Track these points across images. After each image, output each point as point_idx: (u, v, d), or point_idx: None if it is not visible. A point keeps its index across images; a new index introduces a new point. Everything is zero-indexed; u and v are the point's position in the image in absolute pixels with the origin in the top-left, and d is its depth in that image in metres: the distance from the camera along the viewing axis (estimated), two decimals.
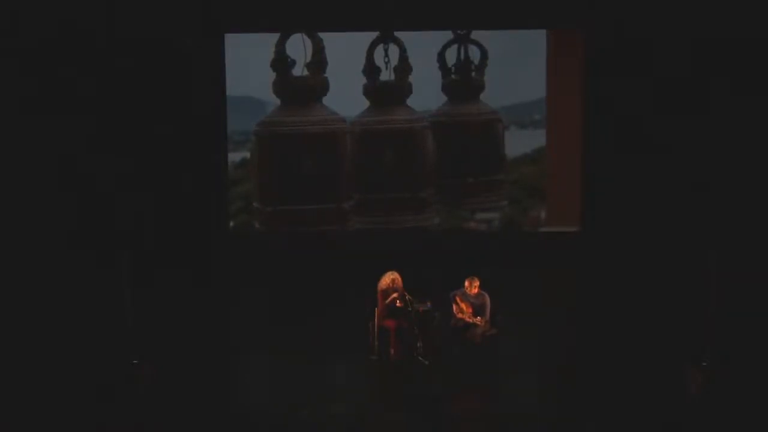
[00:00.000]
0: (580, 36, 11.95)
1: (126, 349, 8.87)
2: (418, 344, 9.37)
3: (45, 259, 10.81)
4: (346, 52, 12.40)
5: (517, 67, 12.31)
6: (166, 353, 9.33)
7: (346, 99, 12.49)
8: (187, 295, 11.03)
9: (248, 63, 12.27)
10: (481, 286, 9.53)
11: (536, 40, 12.17)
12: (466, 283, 9.49)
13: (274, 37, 12.28)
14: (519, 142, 12.53)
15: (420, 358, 9.33)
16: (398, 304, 9.44)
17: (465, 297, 9.52)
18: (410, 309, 9.36)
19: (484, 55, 12.43)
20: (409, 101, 12.46)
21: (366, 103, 12.45)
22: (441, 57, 12.39)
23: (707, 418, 7.98)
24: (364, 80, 12.40)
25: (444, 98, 12.48)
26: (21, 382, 8.63)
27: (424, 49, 12.38)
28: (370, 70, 12.40)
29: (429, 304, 9.58)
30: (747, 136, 11.10)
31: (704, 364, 8.53)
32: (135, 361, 8.78)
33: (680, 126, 11.38)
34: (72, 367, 8.96)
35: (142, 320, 9.18)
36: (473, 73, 12.46)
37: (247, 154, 12.53)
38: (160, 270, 10.91)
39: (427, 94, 12.51)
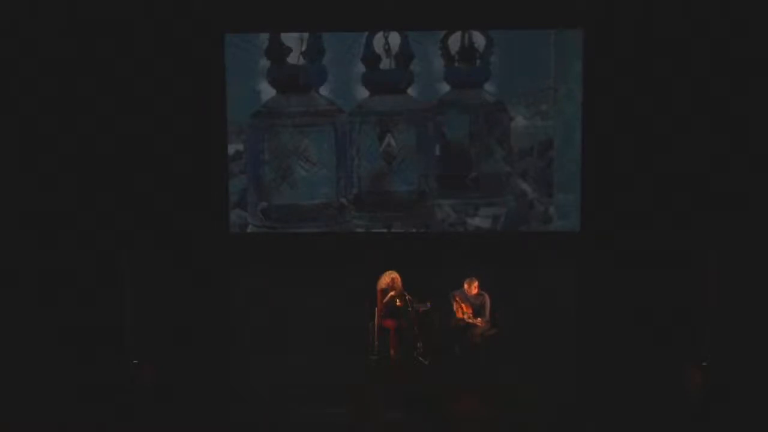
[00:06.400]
0: (583, 33, 12.37)
1: (126, 349, 9.51)
2: (418, 344, 10.03)
3: (45, 258, 11.40)
4: (345, 39, 12.68)
5: (524, 54, 12.59)
6: (166, 353, 9.92)
7: (344, 88, 12.73)
8: (187, 295, 11.49)
9: (242, 50, 12.63)
10: (480, 286, 10.17)
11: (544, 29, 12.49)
12: (465, 285, 10.15)
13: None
14: (525, 134, 12.72)
15: (420, 358, 10.01)
16: (398, 303, 10.09)
17: (465, 297, 10.17)
18: (410, 309, 10.02)
19: (489, 42, 12.63)
20: (410, 90, 12.78)
21: (365, 92, 12.79)
22: (444, 44, 12.66)
23: (707, 418, 8.62)
24: (363, 68, 12.73)
25: (447, 87, 12.77)
26: (21, 382, 9.29)
27: (426, 36, 12.62)
28: (370, 58, 12.69)
29: (429, 304, 10.20)
30: (747, 136, 11.65)
31: (704, 364, 9.20)
32: (135, 361, 9.42)
33: (681, 125, 11.93)
34: (72, 367, 9.59)
35: (142, 320, 9.82)
36: (477, 61, 12.66)
37: (241, 146, 12.85)
38: (160, 270, 11.36)
39: (429, 83, 12.73)
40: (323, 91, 12.90)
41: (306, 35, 12.78)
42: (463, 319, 10.21)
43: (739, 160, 11.67)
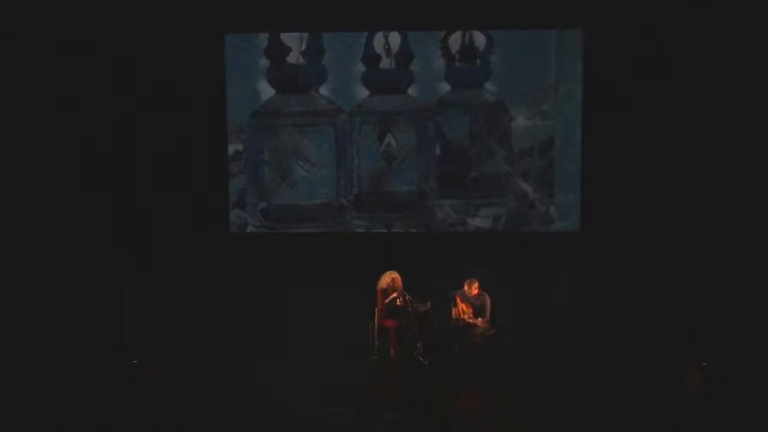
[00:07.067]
0: (583, 33, 12.49)
1: (126, 349, 9.62)
2: (418, 344, 10.13)
3: (45, 258, 11.41)
4: (345, 39, 12.77)
5: (525, 54, 12.67)
6: (166, 353, 10.00)
7: (344, 88, 12.83)
8: (187, 295, 11.55)
9: (242, 50, 12.74)
10: (481, 287, 10.25)
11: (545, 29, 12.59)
12: (465, 286, 10.24)
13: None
14: (526, 134, 12.79)
15: (420, 358, 10.11)
16: (398, 303, 10.20)
17: (465, 297, 10.27)
18: (410, 309, 10.12)
19: (489, 42, 12.70)
20: (411, 90, 12.86)
21: (365, 92, 12.88)
22: (444, 44, 12.77)
23: (707, 418, 8.70)
24: (363, 68, 12.83)
25: (447, 87, 12.85)
26: (21, 382, 9.32)
27: (426, 36, 12.71)
28: (370, 58, 12.78)
29: (429, 304, 10.32)
30: (747, 136, 11.66)
31: (704, 364, 9.29)
32: (135, 361, 9.52)
33: (681, 125, 12.00)
34: (72, 367, 9.62)
35: (142, 320, 9.94)
36: (478, 61, 12.74)
37: (241, 146, 12.94)
38: (160, 270, 11.49)
39: (429, 83, 12.81)
40: (323, 90, 12.99)
41: (306, 35, 12.88)
42: (463, 319, 10.28)
43: (739, 160, 11.72)
